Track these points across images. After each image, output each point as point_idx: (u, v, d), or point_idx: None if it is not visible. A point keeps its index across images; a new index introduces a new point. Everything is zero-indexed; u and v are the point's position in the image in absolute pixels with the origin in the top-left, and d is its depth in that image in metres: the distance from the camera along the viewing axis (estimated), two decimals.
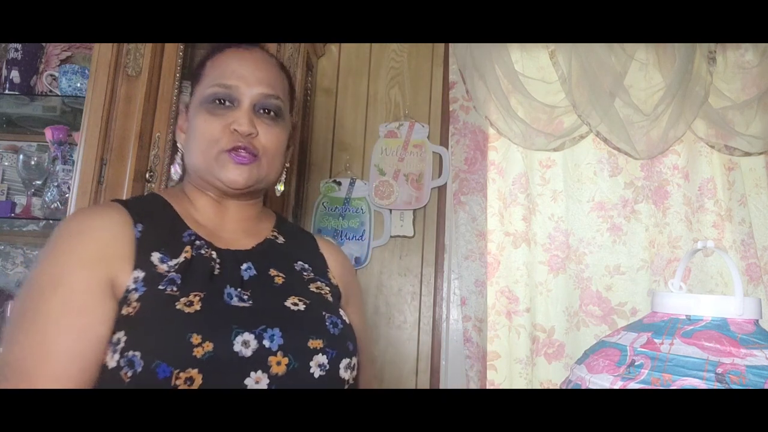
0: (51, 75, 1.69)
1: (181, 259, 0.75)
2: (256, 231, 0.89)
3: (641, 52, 1.74)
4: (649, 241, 1.72)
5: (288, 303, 0.78)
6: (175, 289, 0.71)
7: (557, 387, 0.66)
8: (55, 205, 1.58)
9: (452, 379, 1.72)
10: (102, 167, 1.48)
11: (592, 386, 0.58)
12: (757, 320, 0.59)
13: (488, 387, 1.67)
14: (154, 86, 1.55)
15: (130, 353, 0.66)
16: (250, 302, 0.76)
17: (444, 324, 1.77)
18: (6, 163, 1.81)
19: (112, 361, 0.67)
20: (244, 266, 0.80)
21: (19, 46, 1.68)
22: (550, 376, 1.70)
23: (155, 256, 0.75)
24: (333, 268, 0.92)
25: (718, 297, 0.58)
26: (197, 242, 0.79)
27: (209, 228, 0.84)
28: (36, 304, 0.68)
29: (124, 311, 0.69)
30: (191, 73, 0.91)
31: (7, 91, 1.67)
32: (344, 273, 0.94)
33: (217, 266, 0.78)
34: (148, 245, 0.75)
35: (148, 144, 1.53)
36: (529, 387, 1.66)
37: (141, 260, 0.73)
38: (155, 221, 0.79)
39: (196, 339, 0.67)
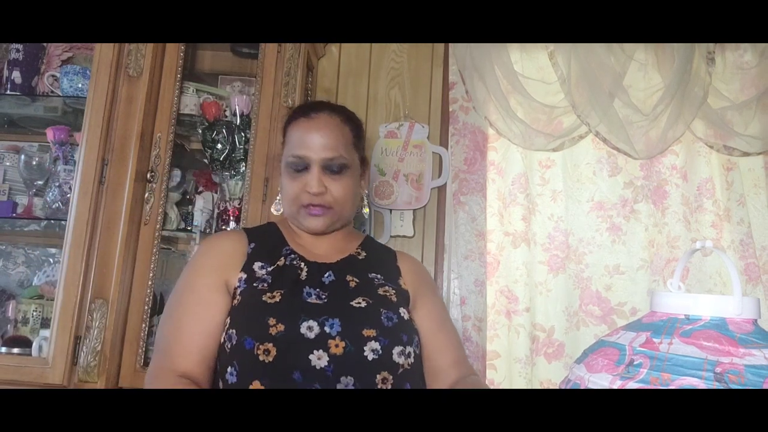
0: (52, 75, 1.70)
1: (275, 266, 1.01)
2: (343, 249, 1.10)
3: (640, 53, 1.74)
4: (648, 240, 1.72)
5: (353, 302, 0.98)
6: (265, 285, 0.97)
7: (557, 386, 0.66)
8: (57, 205, 1.59)
9: None
10: (103, 167, 1.48)
11: (591, 385, 0.58)
12: (756, 320, 0.59)
13: (488, 387, 1.68)
14: (155, 87, 1.55)
15: (231, 331, 0.93)
16: (324, 300, 0.97)
17: None
18: (7, 164, 1.81)
19: (222, 339, 0.95)
20: (326, 274, 1.02)
21: (20, 46, 1.68)
22: (549, 376, 1.70)
23: (257, 264, 1.01)
24: (405, 276, 1.10)
25: (716, 297, 0.59)
26: (291, 255, 1.04)
27: (306, 247, 1.07)
28: (177, 302, 0.98)
29: (233, 303, 0.97)
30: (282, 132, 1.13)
31: (8, 92, 1.68)
32: (416, 280, 1.11)
33: (304, 273, 1.01)
34: (255, 257, 1.02)
35: (149, 144, 1.53)
36: (529, 386, 1.66)
37: (247, 267, 1.00)
38: (265, 241, 1.06)
39: (272, 321, 0.91)
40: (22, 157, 1.64)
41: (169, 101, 1.56)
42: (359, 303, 0.97)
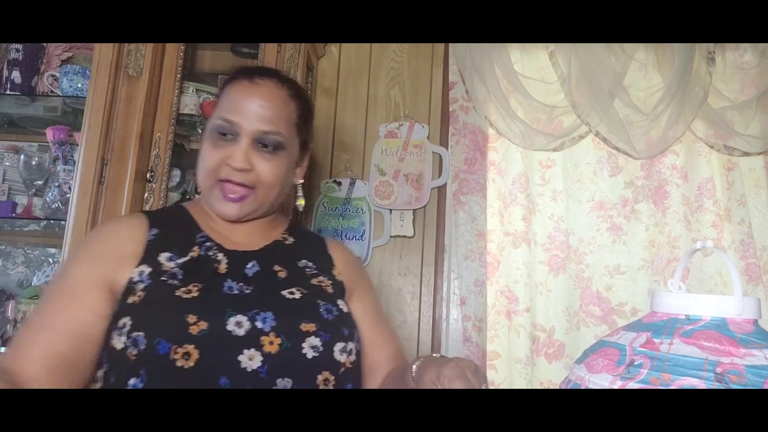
0: (52, 75, 1.69)
1: (188, 257, 0.86)
2: (267, 234, 0.97)
3: (641, 53, 1.74)
4: (648, 240, 1.72)
5: (284, 292, 0.86)
6: (176, 281, 0.81)
7: (557, 387, 0.66)
8: (56, 205, 1.58)
9: None
10: (103, 167, 1.48)
11: (591, 386, 0.58)
12: (756, 320, 0.59)
13: (488, 387, 1.67)
14: (155, 86, 1.55)
15: (134, 334, 0.76)
16: (249, 292, 0.84)
17: (444, 324, 1.77)
18: (7, 164, 1.81)
19: (119, 343, 0.77)
20: (249, 264, 0.89)
21: (20, 46, 1.68)
22: (550, 376, 1.70)
23: (163, 256, 0.85)
24: (338, 266, 0.99)
25: (717, 297, 0.59)
26: (206, 244, 0.89)
27: (222, 233, 0.92)
28: (49, 288, 0.84)
29: (130, 300, 0.80)
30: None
31: (8, 92, 1.67)
32: (350, 270, 1.00)
33: (224, 265, 0.87)
34: (159, 246, 0.86)
35: (149, 144, 1.53)
36: (529, 387, 1.66)
37: (148, 258, 0.84)
38: (171, 227, 0.90)
39: (191, 318, 0.76)
40: (22, 157, 1.64)
41: (169, 101, 1.56)
42: (292, 293, 0.86)
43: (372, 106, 1.90)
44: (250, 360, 0.76)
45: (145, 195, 1.51)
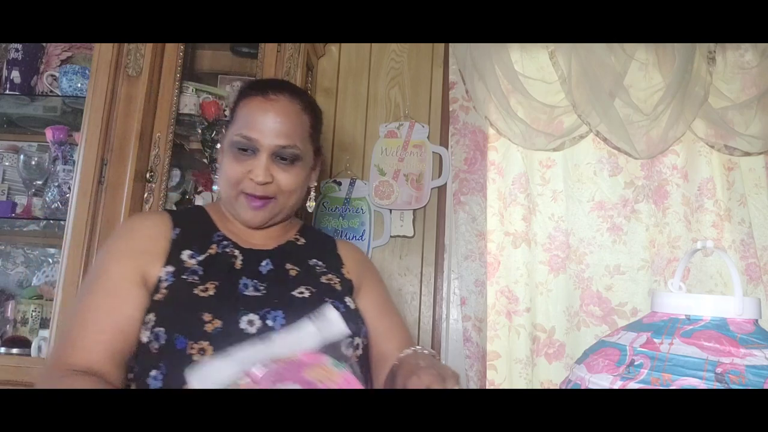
0: (51, 75, 1.69)
1: (207, 254, 0.91)
2: (280, 235, 1.02)
3: (641, 52, 1.74)
4: (649, 240, 1.72)
5: (295, 292, 0.91)
6: (196, 278, 0.87)
7: (557, 387, 0.66)
8: (56, 205, 1.58)
9: None
10: (102, 167, 1.48)
11: (591, 386, 0.58)
12: (757, 320, 0.59)
13: (488, 387, 1.68)
14: (154, 86, 1.55)
15: (157, 329, 0.83)
16: (264, 291, 0.89)
17: (444, 324, 1.77)
18: (6, 163, 1.81)
19: (144, 338, 0.84)
20: (263, 263, 0.95)
21: (19, 46, 1.68)
22: (550, 376, 1.70)
23: (185, 254, 0.90)
24: (348, 264, 1.04)
25: (717, 297, 0.59)
26: (224, 242, 0.95)
27: (238, 234, 0.98)
28: (87, 286, 0.89)
29: (156, 297, 0.86)
30: (229, 109, 1.03)
31: (7, 92, 1.68)
32: (358, 267, 1.05)
33: (239, 261, 0.93)
34: (182, 245, 0.91)
35: (149, 144, 1.53)
36: (529, 387, 1.66)
37: (173, 257, 0.90)
38: (192, 226, 0.96)
39: (207, 317, 0.82)
40: (21, 157, 1.64)
41: (169, 101, 1.56)
42: (302, 293, 0.91)
43: (372, 106, 1.90)
44: None
45: (145, 195, 1.51)
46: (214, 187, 1.05)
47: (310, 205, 1.10)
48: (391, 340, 0.99)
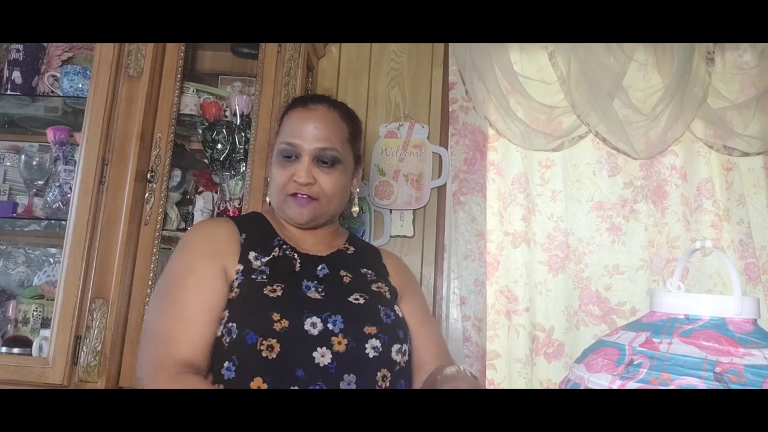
0: (53, 75, 1.69)
1: (271, 256, 0.99)
2: (331, 243, 1.10)
3: (640, 53, 1.74)
4: (648, 240, 1.72)
5: (351, 298, 0.98)
6: (264, 278, 0.94)
7: (557, 386, 0.66)
8: (57, 205, 1.59)
9: None
10: (103, 167, 1.48)
11: (591, 385, 0.58)
12: (756, 320, 0.59)
13: (488, 386, 1.68)
14: (155, 87, 1.55)
15: (230, 324, 0.90)
16: (323, 294, 0.96)
17: (443, 323, 1.77)
18: (8, 164, 1.81)
19: (218, 332, 0.91)
20: (319, 267, 1.02)
21: (20, 46, 1.68)
22: (549, 376, 1.70)
23: (252, 255, 0.98)
24: (392, 274, 1.11)
25: (716, 297, 0.59)
26: (284, 246, 1.02)
27: (294, 239, 1.06)
28: (175, 284, 0.94)
29: (230, 295, 0.94)
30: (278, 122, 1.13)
31: (8, 92, 1.67)
32: (401, 277, 1.12)
33: (299, 264, 1.00)
34: (248, 247, 0.99)
35: (150, 144, 1.53)
36: (529, 386, 1.66)
37: (243, 258, 0.97)
38: (254, 230, 1.03)
39: (276, 316, 0.89)
40: (23, 157, 1.64)
41: (169, 101, 1.56)
42: (357, 299, 0.98)
43: (372, 106, 1.90)
44: (322, 357, 0.88)
45: (146, 195, 1.51)
46: (268, 199, 1.14)
47: (354, 210, 1.19)
48: (429, 349, 1.05)
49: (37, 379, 1.38)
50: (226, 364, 0.89)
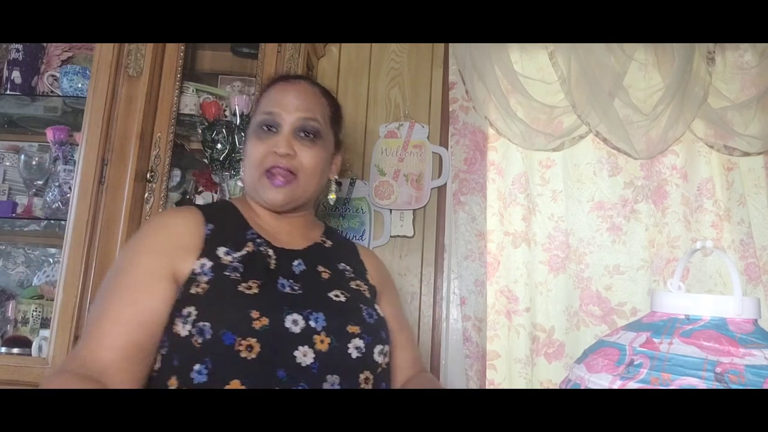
0: (52, 75, 1.69)
1: (244, 252, 0.91)
2: (307, 236, 1.04)
3: (640, 53, 1.74)
4: (648, 240, 1.72)
5: (331, 294, 0.93)
6: (238, 275, 0.87)
7: (557, 387, 0.66)
8: (57, 205, 1.59)
9: (452, 379, 1.72)
10: (103, 167, 1.48)
11: (591, 386, 0.58)
12: (756, 320, 0.59)
13: (488, 387, 1.68)
14: (155, 87, 1.55)
15: (201, 324, 0.82)
16: (300, 291, 0.90)
17: (444, 324, 1.77)
18: (7, 164, 1.81)
19: (184, 331, 0.83)
20: (295, 262, 0.96)
21: (20, 46, 1.68)
22: (549, 376, 1.70)
23: (221, 250, 0.90)
24: (371, 272, 1.07)
25: (717, 297, 0.59)
26: (257, 240, 0.95)
27: (268, 231, 0.99)
28: (110, 281, 0.87)
29: (193, 290, 0.85)
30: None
31: (8, 92, 1.68)
32: (379, 275, 1.08)
33: (273, 261, 0.93)
34: (216, 241, 0.91)
35: (149, 144, 1.53)
36: (529, 387, 1.66)
37: (208, 252, 0.89)
38: (224, 222, 0.96)
39: (254, 314, 0.82)
40: (22, 157, 1.64)
41: (169, 101, 1.56)
42: (337, 296, 0.93)
43: (372, 106, 1.90)
44: (304, 356, 0.83)
45: (146, 195, 1.51)
46: (239, 183, 1.08)
47: (331, 197, 1.13)
48: (404, 354, 1.03)
49: (37, 379, 1.38)
50: (197, 366, 0.80)
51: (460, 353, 1.70)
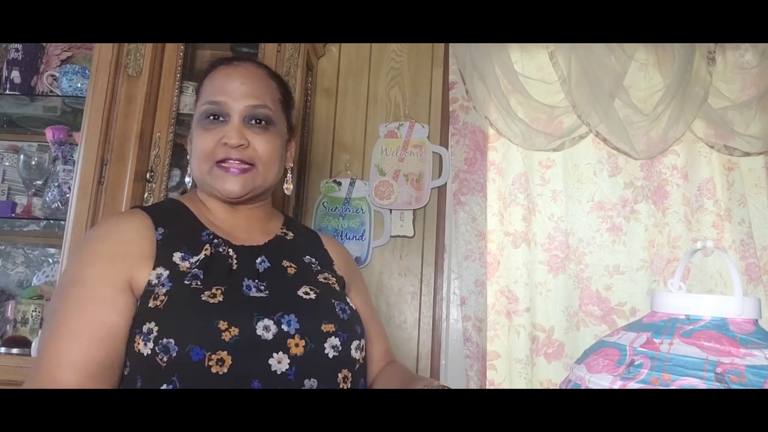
0: (51, 75, 1.69)
1: (202, 256, 0.84)
2: (266, 229, 0.98)
3: (641, 53, 1.74)
4: (648, 241, 1.72)
5: (300, 292, 0.87)
6: (198, 283, 0.80)
7: (557, 387, 0.66)
8: (56, 205, 1.58)
9: (452, 379, 1.72)
10: (102, 167, 1.48)
11: (591, 386, 0.58)
12: (757, 320, 0.59)
13: (488, 387, 1.68)
14: (154, 86, 1.55)
15: (164, 341, 0.75)
16: (267, 292, 0.84)
17: (444, 324, 1.77)
18: (7, 163, 1.81)
19: (146, 349, 0.76)
20: (258, 260, 0.89)
21: (19, 46, 1.68)
22: (549, 376, 1.70)
23: (177, 256, 0.83)
24: (336, 261, 1.02)
25: (717, 297, 0.58)
26: (215, 240, 0.88)
27: (224, 228, 0.92)
28: (60, 296, 0.79)
29: (152, 304, 0.78)
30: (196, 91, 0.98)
31: (7, 92, 1.68)
32: (346, 264, 1.04)
33: (235, 261, 0.87)
34: (170, 246, 0.84)
35: (149, 144, 1.53)
36: (529, 387, 1.66)
37: (163, 259, 0.82)
38: (175, 224, 0.88)
39: (223, 325, 0.76)
40: (21, 157, 1.64)
41: (169, 101, 1.56)
42: (307, 293, 0.87)
43: (372, 106, 1.90)
44: (279, 363, 0.78)
45: (145, 195, 1.51)
46: (187, 179, 0.98)
47: (288, 187, 1.04)
48: (376, 346, 1.01)
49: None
50: (163, 386, 0.75)
51: (460, 353, 1.70)
